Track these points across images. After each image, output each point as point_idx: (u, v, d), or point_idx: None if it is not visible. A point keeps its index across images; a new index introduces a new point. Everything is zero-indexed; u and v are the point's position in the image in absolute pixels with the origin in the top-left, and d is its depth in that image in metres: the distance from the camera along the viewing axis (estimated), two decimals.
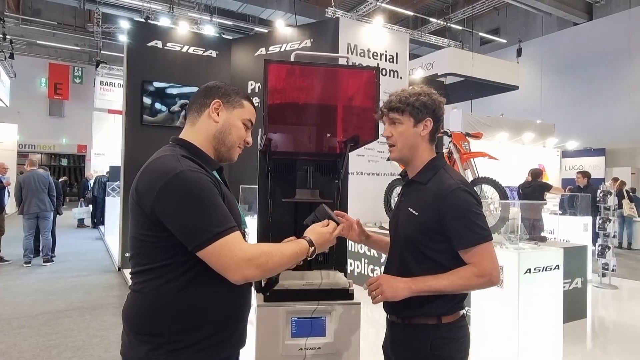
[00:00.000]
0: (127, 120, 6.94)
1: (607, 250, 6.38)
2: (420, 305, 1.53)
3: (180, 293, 1.29)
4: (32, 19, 19.68)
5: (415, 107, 1.56)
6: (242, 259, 1.24)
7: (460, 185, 1.51)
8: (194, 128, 1.45)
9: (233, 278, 1.25)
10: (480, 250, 1.48)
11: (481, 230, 1.48)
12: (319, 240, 1.50)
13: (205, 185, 1.27)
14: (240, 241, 1.28)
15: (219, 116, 1.44)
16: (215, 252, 1.23)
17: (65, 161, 25.49)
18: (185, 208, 1.23)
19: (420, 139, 1.59)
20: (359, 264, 6.06)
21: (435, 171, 1.58)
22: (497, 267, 1.50)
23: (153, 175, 1.28)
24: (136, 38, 7.18)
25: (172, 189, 1.24)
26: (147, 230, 1.29)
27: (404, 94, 1.59)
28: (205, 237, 1.22)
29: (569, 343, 3.81)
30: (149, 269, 1.31)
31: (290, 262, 1.39)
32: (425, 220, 1.52)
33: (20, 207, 7.40)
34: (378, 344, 1.88)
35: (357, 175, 6.92)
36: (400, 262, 1.61)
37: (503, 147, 10.83)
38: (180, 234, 1.25)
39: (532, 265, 3.25)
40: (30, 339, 4.07)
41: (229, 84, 1.52)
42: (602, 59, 15.52)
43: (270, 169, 2.16)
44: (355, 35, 7.12)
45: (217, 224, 1.24)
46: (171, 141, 1.45)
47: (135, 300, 1.34)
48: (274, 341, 1.83)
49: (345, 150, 2.11)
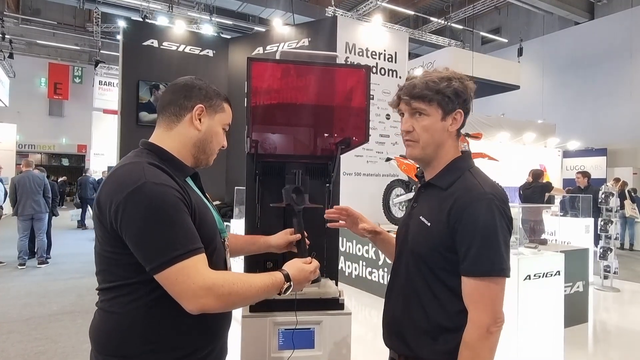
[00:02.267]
0: (122, 120, 6.87)
1: (609, 252, 6.29)
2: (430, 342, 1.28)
3: (150, 311, 1.19)
4: (32, 19, 19.64)
5: (447, 96, 1.26)
6: (200, 287, 1.11)
7: (489, 195, 1.20)
8: (170, 133, 1.32)
9: (188, 307, 1.12)
10: (483, 288, 1.18)
11: (496, 258, 1.17)
12: (297, 276, 1.36)
13: (169, 200, 1.14)
14: (202, 266, 1.15)
15: (201, 123, 1.33)
16: (171, 277, 1.11)
17: (66, 161, 25.45)
18: (144, 225, 1.11)
19: (447, 135, 1.30)
20: (357, 267, 5.97)
21: (460, 174, 1.28)
22: (498, 316, 1.19)
23: (113, 186, 1.16)
24: (132, 37, 7.10)
25: (132, 204, 1.12)
26: (111, 246, 1.18)
27: (432, 77, 1.27)
28: (163, 259, 1.10)
29: (570, 349, 3.72)
30: (115, 287, 1.20)
31: (259, 296, 1.25)
32: (438, 233, 1.24)
33: (14, 208, 7.33)
34: (375, 348, 1.79)
35: (355, 176, 6.85)
36: (407, 279, 1.34)
37: (504, 148, 10.76)
38: (138, 253, 1.13)
39: (532, 272, 3.16)
40: (18, 344, 3.98)
41: (205, 81, 1.38)
42: (603, 59, 15.41)
43: (258, 172, 2.07)
44: (354, 34, 7.04)
45: (178, 246, 1.12)
46: (141, 145, 1.33)
47: (102, 318, 1.24)
48: (259, 353, 1.74)
49: (336, 153, 2.01)
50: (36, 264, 7.41)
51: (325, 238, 2.03)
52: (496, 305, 1.18)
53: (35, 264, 7.41)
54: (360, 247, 5.91)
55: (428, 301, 1.28)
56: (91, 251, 1.28)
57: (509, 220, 1.22)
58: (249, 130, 1.77)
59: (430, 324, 1.27)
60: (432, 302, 1.27)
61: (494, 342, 1.19)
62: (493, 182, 1.28)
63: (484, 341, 1.17)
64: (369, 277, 5.74)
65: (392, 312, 1.41)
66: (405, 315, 1.34)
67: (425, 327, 1.28)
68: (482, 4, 16.83)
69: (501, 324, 1.20)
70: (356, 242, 6.00)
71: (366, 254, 5.80)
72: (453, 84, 1.27)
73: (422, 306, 1.29)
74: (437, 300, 1.26)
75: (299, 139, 2.11)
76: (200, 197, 1.34)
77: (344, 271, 6.15)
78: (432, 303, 1.27)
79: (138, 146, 1.33)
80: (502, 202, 1.22)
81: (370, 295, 5.60)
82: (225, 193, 7.07)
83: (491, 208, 1.18)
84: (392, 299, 1.42)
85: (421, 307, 1.29)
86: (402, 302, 1.35)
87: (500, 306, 1.19)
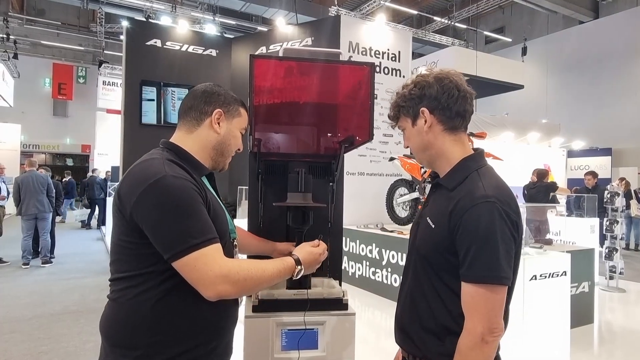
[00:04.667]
0: (125, 120, 6.87)
1: (615, 252, 6.24)
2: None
3: (158, 303, 1.23)
4: (36, 19, 19.71)
5: (401, 106, 1.32)
6: (217, 275, 1.17)
7: (491, 198, 1.14)
8: (191, 136, 1.40)
9: (206, 294, 1.18)
10: (479, 295, 1.12)
11: (493, 265, 1.12)
12: (307, 259, 1.44)
13: (187, 192, 1.21)
14: (218, 255, 1.21)
15: (220, 127, 1.41)
16: (189, 264, 1.16)
17: (70, 161, 25.52)
18: (163, 215, 1.17)
19: (429, 136, 1.29)
20: (360, 267, 5.95)
21: (467, 174, 1.24)
22: (495, 326, 1.13)
23: (135, 179, 1.23)
24: (135, 37, 7.10)
25: (152, 195, 1.18)
26: (128, 236, 1.23)
27: (395, 96, 1.37)
28: (181, 247, 1.16)
29: (576, 350, 3.68)
30: (127, 277, 1.25)
31: (272, 281, 1.32)
32: (440, 234, 1.22)
33: (18, 208, 7.34)
34: (379, 349, 1.76)
35: (358, 175, 6.82)
36: (414, 279, 1.34)
37: (508, 147, 10.70)
38: (156, 242, 1.19)
39: (538, 272, 3.13)
40: (21, 344, 3.98)
41: (225, 88, 1.47)
42: (608, 58, 15.32)
43: (260, 171, 2.06)
44: (357, 33, 7.01)
45: (196, 234, 1.18)
46: (161, 144, 1.40)
47: (112, 309, 1.28)
48: (262, 354, 1.72)
49: (340, 152, 1.99)
50: (40, 264, 7.43)
51: (328, 238, 2.01)
52: (492, 314, 1.13)
53: (39, 264, 7.43)
54: (364, 247, 5.88)
55: (434, 301, 1.26)
56: (95, 251, 1.30)
57: (513, 225, 1.16)
58: (252, 129, 1.75)
59: (436, 324, 1.26)
60: (438, 302, 1.25)
61: (489, 351, 1.14)
62: (500, 184, 1.23)
63: (477, 350, 1.13)
64: (372, 277, 5.71)
65: (401, 311, 1.40)
66: (413, 314, 1.33)
67: (431, 327, 1.27)
68: (486, 3, 16.75)
69: (499, 334, 1.15)
70: (359, 242, 5.97)
71: (369, 254, 5.78)
72: (403, 92, 1.32)
73: (428, 305, 1.27)
74: (441, 301, 1.24)
75: (302, 137, 2.09)
76: (215, 196, 1.39)
77: (347, 271, 6.12)
78: (438, 304, 1.25)
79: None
80: (506, 206, 1.16)
81: (373, 296, 5.57)
82: (228, 192, 7.07)
83: (492, 212, 1.13)
84: (402, 298, 1.41)
85: (428, 306, 1.27)
86: (410, 302, 1.34)
87: (497, 316, 1.14)
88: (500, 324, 1.15)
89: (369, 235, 5.84)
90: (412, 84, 1.31)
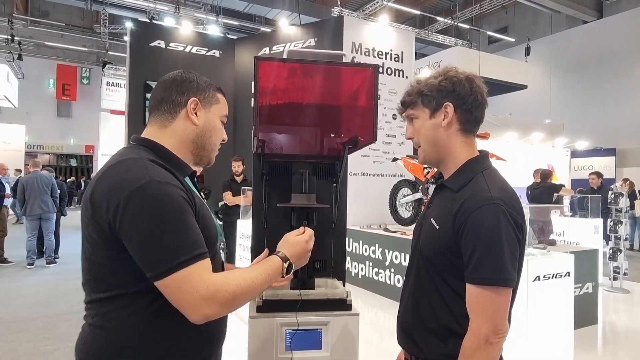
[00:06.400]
0: (129, 121, 6.90)
1: (619, 253, 6.22)
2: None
3: (146, 326, 1.09)
4: (40, 20, 19.83)
5: (425, 94, 1.26)
6: (203, 297, 1.03)
7: (496, 200, 1.14)
8: (166, 130, 1.23)
9: (192, 317, 1.05)
10: (483, 297, 1.13)
11: (498, 267, 1.11)
12: (293, 252, 1.31)
13: (175, 201, 1.07)
14: (206, 272, 1.07)
15: (198, 117, 1.25)
16: (173, 286, 1.03)
17: (74, 161, 25.64)
18: (147, 228, 1.02)
19: (443, 132, 1.26)
20: (363, 267, 5.95)
21: (472, 176, 1.23)
22: (499, 327, 1.13)
23: (114, 183, 1.06)
24: (139, 38, 7.14)
25: (136, 204, 1.02)
26: (106, 250, 1.08)
27: (417, 81, 1.31)
28: (168, 265, 1.02)
29: (579, 351, 3.67)
30: (112, 297, 1.10)
31: (263, 288, 1.20)
32: (445, 236, 1.21)
33: (22, 208, 7.38)
34: (382, 349, 1.77)
35: (361, 176, 6.83)
36: (417, 280, 1.33)
37: (511, 147, 10.68)
38: (139, 258, 1.04)
39: (542, 273, 3.13)
40: (26, 343, 4.01)
41: (195, 73, 1.31)
42: (612, 58, 15.25)
43: (264, 172, 2.07)
44: (360, 34, 7.01)
45: (184, 251, 1.04)
46: (133, 141, 1.23)
47: (95, 335, 1.12)
48: (266, 355, 1.73)
49: (344, 153, 2.00)
50: (44, 264, 7.46)
51: (332, 238, 2.02)
52: (497, 315, 1.13)
53: (44, 264, 7.46)
54: (367, 247, 5.89)
55: (436, 302, 1.26)
56: None
57: (518, 227, 1.16)
58: (256, 130, 1.76)
59: (439, 325, 1.26)
60: (440, 303, 1.25)
61: (493, 353, 1.15)
62: (505, 186, 1.23)
63: (481, 352, 1.13)
64: (375, 278, 5.71)
65: (403, 311, 1.41)
66: (415, 315, 1.33)
67: (433, 328, 1.27)
68: (489, 3, 16.74)
69: (503, 335, 1.15)
70: (363, 242, 5.98)
71: (373, 254, 5.78)
72: (431, 81, 1.27)
73: (431, 307, 1.27)
74: (444, 302, 1.24)
75: (305, 138, 2.09)
76: (200, 199, 1.25)
77: (350, 272, 6.13)
78: (440, 304, 1.25)
79: None
80: (511, 208, 1.16)
81: (376, 296, 5.57)
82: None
83: (497, 214, 1.13)
84: (405, 299, 1.41)
85: (430, 307, 1.27)
86: (413, 302, 1.34)
87: (501, 317, 1.14)
88: (505, 325, 1.16)
89: (372, 236, 5.85)
90: (443, 76, 1.26)
